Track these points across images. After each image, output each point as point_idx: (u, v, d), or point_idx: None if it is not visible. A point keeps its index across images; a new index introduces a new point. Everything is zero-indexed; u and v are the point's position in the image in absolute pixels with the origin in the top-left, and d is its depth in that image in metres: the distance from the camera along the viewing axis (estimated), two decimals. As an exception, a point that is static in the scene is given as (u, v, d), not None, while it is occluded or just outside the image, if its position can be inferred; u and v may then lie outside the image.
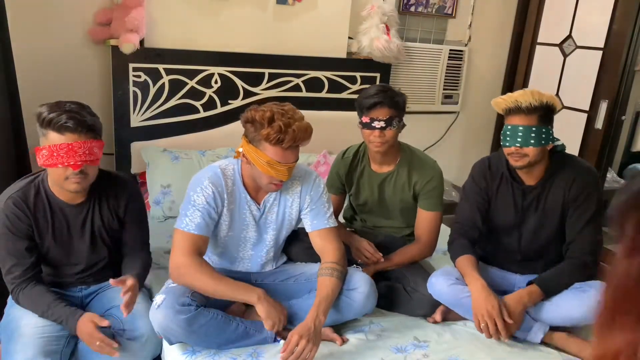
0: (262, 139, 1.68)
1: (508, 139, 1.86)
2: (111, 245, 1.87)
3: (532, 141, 1.83)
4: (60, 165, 1.61)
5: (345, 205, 2.42)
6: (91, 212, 1.79)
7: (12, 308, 1.76)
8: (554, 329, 1.88)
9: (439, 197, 2.16)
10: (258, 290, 1.72)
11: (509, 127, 1.87)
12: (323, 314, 1.70)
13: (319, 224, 1.88)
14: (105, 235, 1.84)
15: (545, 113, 1.85)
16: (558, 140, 1.94)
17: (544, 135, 1.84)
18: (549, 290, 1.86)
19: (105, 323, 1.62)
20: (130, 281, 1.66)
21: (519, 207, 1.98)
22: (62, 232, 1.77)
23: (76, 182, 1.66)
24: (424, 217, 2.17)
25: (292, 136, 1.66)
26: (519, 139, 1.84)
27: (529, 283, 1.89)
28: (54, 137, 1.61)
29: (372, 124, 2.02)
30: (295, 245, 2.02)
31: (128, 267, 1.84)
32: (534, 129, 1.83)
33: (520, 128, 1.83)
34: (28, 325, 1.66)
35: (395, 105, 2.04)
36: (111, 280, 1.63)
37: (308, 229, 1.90)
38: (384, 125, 2.01)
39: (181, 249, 1.73)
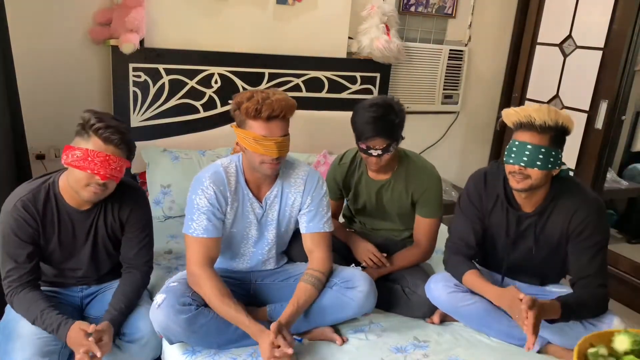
0: (245, 117, 1.71)
1: (513, 155, 1.73)
2: (114, 254, 1.85)
3: (539, 163, 1.70)
4: (89, 171, 1.61)
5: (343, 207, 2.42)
6: (97, 218, 1.77)
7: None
8: None
9: (436, 204, 2.15)
10: (254, 328, 1.65)
11: (517, 142, 1.73)
12: (295, 320, 1.73)
13: (314, 227, 1.88)
14: (108, 243, 1.82)
15: (558, 134, 1.72)
16: (564, 164, 1.80)
17: (552, 159, 1.71)
18: (568, 316, 1.74)
19: (91, 328, 1.57)
20: (105, 336, 1.60)
21: (511, 233, 1.88)
22: (68, 237, 1.76)
23: (95, 192, 1.65)
24: (423, 224, 2.17)
25: (270, 106, 1.67)
26: (524, 158, 1.70)
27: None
28: (96, 143, 1.62)
29: (369, 152, 2.00)
30: (295, 245, 2.02)
31: (117, 293, 1.78)
32: (543, 149, 1.69)
33: (529, 146, 1.70)
34: (26, 325, 1.65)
35: (391, 134, 1.98)
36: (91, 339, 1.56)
37: (302, 230, 1.90)
38: (380, 153, 2.00)
39: (193, 258, 1.74)
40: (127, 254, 1.84)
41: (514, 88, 3.89)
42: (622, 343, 1.46)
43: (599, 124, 3.28)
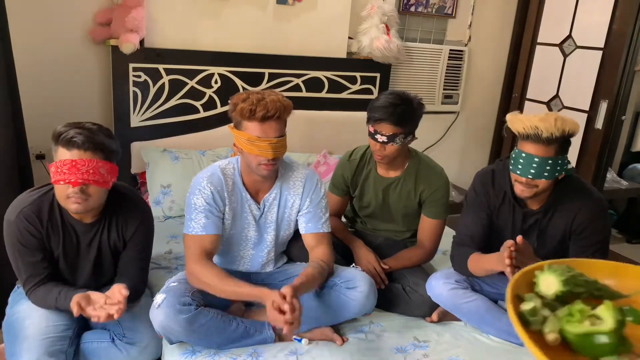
0: (240, 118, 1.72)
1: (520, 167, 1.72)
2: (115, 268, 1.83)
3: (546, 174, 1.69)
4: (61, 182, 1.55)
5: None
6: (100, 232, 1.74)
7: (15, 307, 1.75)
8: None
9: (444, 205, 2.15)
10: (260, 292, 1.63)
11: (523, 154, 1.71)
12: (304, 291, 1.68)
13: (312, 228, 1.89)
14: (110, 257, 1.79)
15: (564, 142, 1.71)
16: (569, 162, 1.80)
17: (558, 167, 1.71)
18: None
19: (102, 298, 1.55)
20: (125, 291, 1.54)
21: (517, 229, 1.89)
22: (71, 250, 1.74)
23: (76, 202, 1.57)
24: (428, 224, 2.16)
25: (264, 107, 1.68)
26: (532, 171, 1.69)
27: None
28: (61, 153, 1.57)
29: (375, 136, 2.00)
30: (295, 245, 2.02)
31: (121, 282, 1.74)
32: (550, 161, 1.68)
33: (536, 159, 1.68)
34: (32, 325, 1.64)
35: (402, 123, 1.97)
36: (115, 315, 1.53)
37: (301, 230, 1.91)
38: (385, 140, 1.98)
39: (192, 256, 1.74)
40: (123, 268, 1.81)
41: (514, 88, 3.89)
42: (549, 285, 1.12)
43: (599, 124, 3.28)
